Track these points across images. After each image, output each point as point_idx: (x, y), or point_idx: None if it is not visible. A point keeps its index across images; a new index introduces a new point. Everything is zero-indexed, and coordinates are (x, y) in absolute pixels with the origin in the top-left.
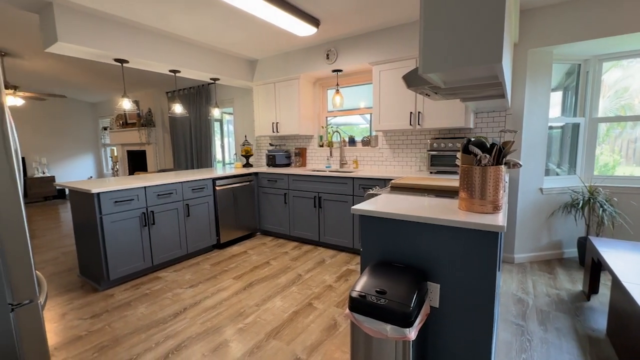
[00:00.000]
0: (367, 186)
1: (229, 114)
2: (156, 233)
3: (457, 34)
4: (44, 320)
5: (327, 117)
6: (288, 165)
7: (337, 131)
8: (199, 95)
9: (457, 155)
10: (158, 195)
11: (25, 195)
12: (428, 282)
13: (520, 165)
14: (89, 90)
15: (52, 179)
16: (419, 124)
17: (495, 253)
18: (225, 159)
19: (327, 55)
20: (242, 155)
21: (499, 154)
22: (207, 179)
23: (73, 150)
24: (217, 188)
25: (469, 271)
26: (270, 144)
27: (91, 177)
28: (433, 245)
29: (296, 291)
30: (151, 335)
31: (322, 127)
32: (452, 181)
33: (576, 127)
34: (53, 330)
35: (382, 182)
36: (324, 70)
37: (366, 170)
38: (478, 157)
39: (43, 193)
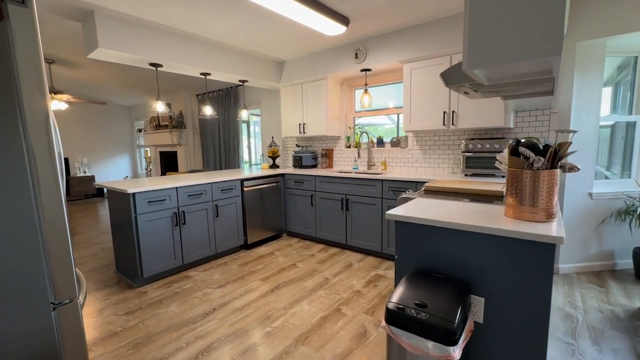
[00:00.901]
0: (397, 189)
1: (256, 115)
2: (187, 233)
3: (509, 23)
4: (82, 318)
5: (354, 118)
6: (314, 166)
7: (365, 132)
8: (228, 97)
9: (497, 157)
10: (189, 195)
11: (68, 193)
12: (471, 295)
13: (578, 169)
14: (125, 94)
15: (92, 178)
16: (453, 124)
17: (551, 266)
18: (251, 159)
19: (356, 54)
20: (268, 157)
21: (554, 156)
22: (236, 179)
23: (111, 151)
24: (245, 189)
25: (519, 285)
26: (296, 145)
27: (127, 176)
28: (477, 256)
29: (324, 295)
30: (182, 334)
31: (350, 128)
32: (491, 184)
33: (631, 126)
34: (92, 324)
35: (414, 185)
36: (352, 70)
37: (395, 172)
38: (530, 160)
39: (84, 191)
